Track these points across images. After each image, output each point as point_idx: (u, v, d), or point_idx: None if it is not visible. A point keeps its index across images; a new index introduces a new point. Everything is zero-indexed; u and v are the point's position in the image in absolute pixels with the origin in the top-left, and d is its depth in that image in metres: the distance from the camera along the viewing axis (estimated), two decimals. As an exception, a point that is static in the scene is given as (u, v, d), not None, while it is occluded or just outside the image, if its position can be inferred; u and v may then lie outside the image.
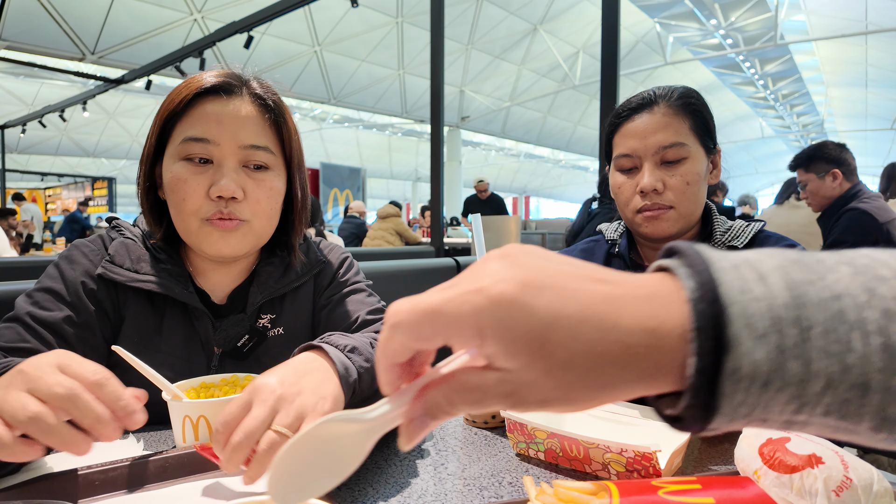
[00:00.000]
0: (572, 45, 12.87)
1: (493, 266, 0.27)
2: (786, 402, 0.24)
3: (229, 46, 7.16)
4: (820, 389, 0.24)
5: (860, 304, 0.24)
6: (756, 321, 0.24)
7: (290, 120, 0.84)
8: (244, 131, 0.78)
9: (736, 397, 0.24)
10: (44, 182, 16.27)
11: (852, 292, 0.24)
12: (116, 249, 0.81)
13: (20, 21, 7.87)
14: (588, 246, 1.16)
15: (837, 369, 0.23)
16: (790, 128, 20.92)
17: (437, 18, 3.76)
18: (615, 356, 0.25)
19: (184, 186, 0.76)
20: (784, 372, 0.23)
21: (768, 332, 0.23)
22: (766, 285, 0.24)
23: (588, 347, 0.25)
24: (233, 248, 0.79)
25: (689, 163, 0.95)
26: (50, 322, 0.74)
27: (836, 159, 2.38)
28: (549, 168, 24.84)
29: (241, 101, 0.79)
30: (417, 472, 0.64)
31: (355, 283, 0.95)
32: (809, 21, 11.53)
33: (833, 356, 0.23)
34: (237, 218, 0.78)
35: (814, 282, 0.25)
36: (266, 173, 0.81)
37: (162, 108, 0.79)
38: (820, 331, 0.23)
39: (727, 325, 0.23)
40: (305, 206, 0.89)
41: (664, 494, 0.45)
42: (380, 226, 5.55)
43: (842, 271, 0.25)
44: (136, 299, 0.81)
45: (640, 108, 0.98)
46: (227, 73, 0.81)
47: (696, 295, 0.25)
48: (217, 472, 0.62)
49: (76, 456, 0.47)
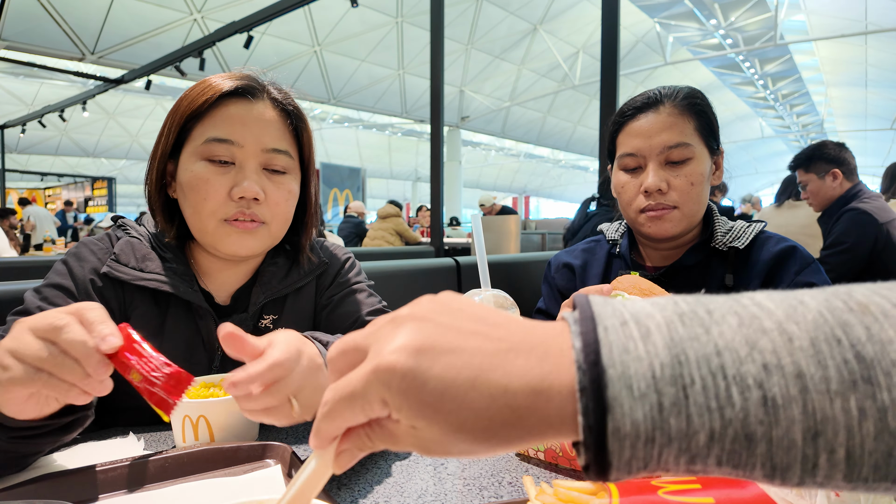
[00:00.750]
0: (572, 45, 12.88)
1: (396, 332, 0.29)
2: (676, 456, 0.25)
3: (229, 46, 7.17)
4: (705, 442, 0.25)
5: (741, 359, 0.25)
6: (635, 381, 0.25)
7: (308, 126, 0.87)
8: (267, 135, 0.80)
9: (624, 454, 0.25)
10: (43, 182, 16.27)
11: (734, 346, 0.25)
12: (122, 248, 0.81)
13: (20, 21, 7.88)
14: (589, 246, 1.16)
15: (718, 423, 0.24)
16: (790, 128, 20.93)
17: (436, 18, 3.76)
18: (504, 418, 0.27)
19: (205, 186, 0.77)
20: (666, 428, 0.25)
21: (647, 392, 0.25)
22: (649, 344, 0.26)
23: (478, 413, 0.27)
24: (250, 249, 0.81)
25: (693, 163, 0.94)
26: None
27: (835, 159, 2.37)
28: (549, 168, 24.84)
29: (264, 106, 0.81)
30: (417, 472, 0.65)
31: (356, 283, 0.96)
32: (809, 21, 11.53)
33: (714, 411, 0.24)
34: (258, 219, 0.79)
35: (698, 336, 0.26)
36: (284, 177, 0.82)
37: (182, 108, 0.79)
38: (699, 387, 0.25)
39: (606, 386, 0.25)
40: (317, 209, 0.92)
41: (664, 494, 0.45)
42: (380, 226, 5.55)
43: (728, 322, 0.26)
44: (142, 299, 0.81)
45: (645, 107, 0.97)
46: (247, 76, 0.82)
47: (580, 356, 0.26)
48: (217, 472, 0.62)
49: (89, 393, 0.49)
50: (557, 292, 1.15)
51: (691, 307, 0.28)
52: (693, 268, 0.99)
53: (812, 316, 0.26)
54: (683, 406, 0.25)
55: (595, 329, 0.27)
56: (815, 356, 0.25)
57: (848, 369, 0.24)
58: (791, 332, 0.26)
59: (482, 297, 0.76)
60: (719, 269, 0.98)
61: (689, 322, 0.27)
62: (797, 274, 0.93)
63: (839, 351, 0.25)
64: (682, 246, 1.02)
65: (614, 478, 0.26)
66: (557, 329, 0.29)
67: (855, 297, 0.27)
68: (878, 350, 0.25)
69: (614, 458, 0.25)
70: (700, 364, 0.25)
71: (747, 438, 0.25)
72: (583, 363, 0.26)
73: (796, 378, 0.25)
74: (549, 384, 0.26)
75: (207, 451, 0.63)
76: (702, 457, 0.25)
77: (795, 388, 0.25)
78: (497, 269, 1.69)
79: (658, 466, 0.26)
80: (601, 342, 0.26)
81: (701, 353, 0.25)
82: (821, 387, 0.24)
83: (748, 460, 0.25)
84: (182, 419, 0.68)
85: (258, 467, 0.63)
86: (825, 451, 0.24)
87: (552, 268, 1.17)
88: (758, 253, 0.97)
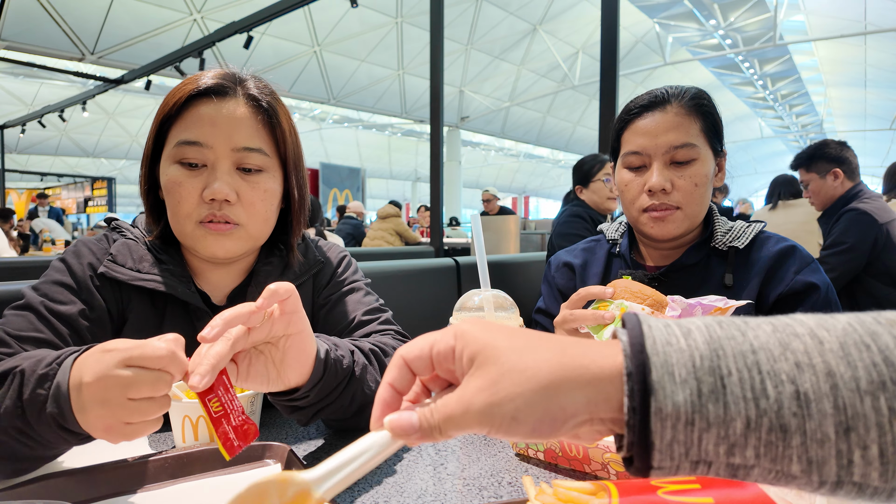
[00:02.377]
0: (572, 45, 12.88)
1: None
2: (716, 443, 0.27)
3: (229, 47, 7.16)
4: (742, 430, 0.27)
5: (774, 357, 0.28)
6: (677, 369, 0.28)
7: (284, 121, 0.84)
8: (237, 134, 0.78)
9: (666, 434, 0.28)
10: (43, 182, 16.25)
11: (768, 346, 0.28)
12: (119, 249, 0.81)
13: (20, 21, 7.87)
14: (589, 245, 1.16)
15: (754, 412, 0.27)
16: (789, 128, 20.93)
17: (436, 19, 3.76)
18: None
19: (179, 189, 0.77)
20: (705, 413, 0.27)
21: (687, 378, 0.28)
22: (690, 339, 0.29)
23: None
24: (227, 251, 0.80)
25: (697, 164, 0.94)
26: (65, 315, 0.73)
27: (837, 158, 2.37)
28: (549, 168, 24.84)
29: (235, 103, 0.79)
30: (417, 472, 0.65)
31: (353, 282, 0.95)
32: (808, 21, 11.53)
33: (749, 401, 0.27)
34: (231, 221, 0.78)
35: (734, 337, 0.29)
36: (260, 175, 0.81)
37: (158, 111, 0.80)
38: (736, 378, 0.27)
39: (650, 371, 0.28)
40: (303, 206, 0.89)
41: (663, 494, 0.45)
42: (379, 226, 5.54)
43: (763, 328, 0.29)
44: (139, 299, 0.81)
45: (651, 105, 0.96)
46: (222, 75, 0.80)
47: (627, 347, 0.30)
48: (217, 472, 0.62)
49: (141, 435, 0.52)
50: (557, 291, 1.14)
51: (730, 319, 0.31)
52: (693, 267, 0.99)
53: (842, 326, 0.28)
54: (721, 394, 0.27)
55: (640, 326, 0.30)
56: (844, 357, 0.27)
57: (877, 371, 0.26)
58: (822, 336, 0.28)
59: (482, 298, 0.76)
60: (719, 269, 0.98)
61: (726, 326, 0.30)
62: (797, 273, 0.93)
63: (868, 354, 0.27)
64: (681, 245, 1.02)
65: (657, 465, 0.28)
66: (610, 342, 0.32)
67: (885, 315, 0.29)
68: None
69: (656, 438, 0.28)
70: (737, 358, 0.28)
71: (782, 429, 0.26)
72: (629, 351, 0.29)
73: (827, 376, 0.27)
74: (603, 367, 0.30)
75: (207, 451, 0.63)
76: (740, 446, 0.27)
77: (826, 385, 0.26)
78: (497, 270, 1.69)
79: (699, 455, 0.28)
80: (646, 335, 0.30)
81: (738, 350, 0.28)
82: (851, 385, 0.26)
83: (784, 452, 0.27)
84: (182, 419, 0.68)
85: (258, 467, 0.63)
86: (858, 448, 0.26)
87: (552, 267, 1.17)
88: (757, 252, 0.97)
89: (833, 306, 0.93)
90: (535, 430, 0.30)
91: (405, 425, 0.33)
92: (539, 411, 0.30)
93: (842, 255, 2.18)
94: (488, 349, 0.32)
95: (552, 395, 0.30)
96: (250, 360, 0.57)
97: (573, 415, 0.30)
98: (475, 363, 0.32)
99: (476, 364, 0.32)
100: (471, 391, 0.32)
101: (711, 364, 0.28)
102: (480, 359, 0.32)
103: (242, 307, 0.53)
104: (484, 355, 0.32)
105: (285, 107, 0.86)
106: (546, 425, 0.30)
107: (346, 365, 0.68)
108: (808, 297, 0.92)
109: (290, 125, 0.85)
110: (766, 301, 0.94)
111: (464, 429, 0.32)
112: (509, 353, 0.32)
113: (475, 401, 0.31)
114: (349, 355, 0.70)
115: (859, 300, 2.23)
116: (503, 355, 0.32)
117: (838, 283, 2.20)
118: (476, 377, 0.32)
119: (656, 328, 0.30)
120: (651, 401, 0.27)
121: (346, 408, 0.70)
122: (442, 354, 0.35)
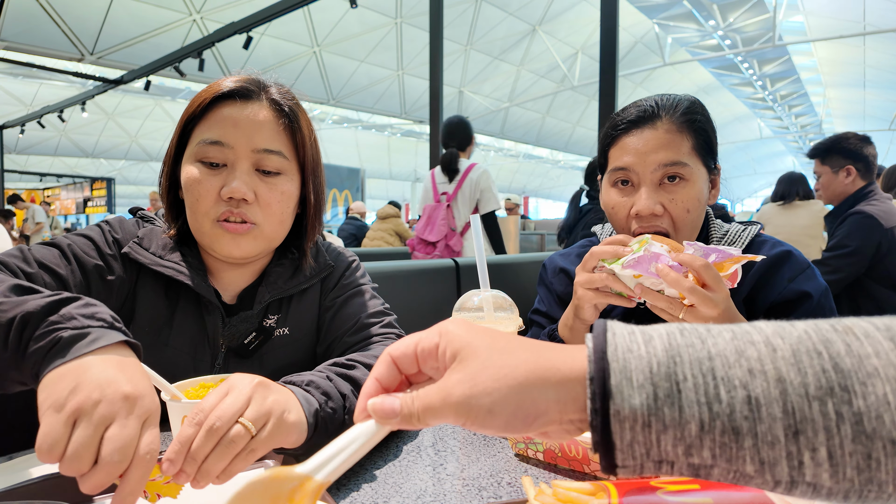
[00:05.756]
0: (571, 45, 12.89)
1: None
2: (674, 444, 0.29)
3: (228, 47, 7.16)
4: (697, 432, 0.29)
5: (729, 363, 0.29)
6: (634, 375, 0.30)
7: (305, 126, 0.85)
8: (258, 135, 0.80)
9: (626, 435, 0.29)
10: (42, 182, 16.25)
11: (724, 353, 0.30)
12: (146, 234, 0.84)
13: (19, 21, 7.87)
14: (583, 250, 1.15)
15: (707, 416, 0.28)
16: (788, 128, 20.95)
17: (436, 19, 3.76)
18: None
19: (198, 187, 0.79)
20: (661, 415, 0.29)
21: (644, 383, 0.30)
22: (650, 346, 0.31)
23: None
24: (243, 251, 0.81)
25: (689, 186, 0.88)
26: (85, 264, 0.77)
27: (853, 154, 2.26)
28: (548, 168, 24.86)
29: (259, 106, 0.81)
30: (416, 472, 0.65)
31: (359, 285, 0.96)
32: (808, 22, 11.55)
33: (703, 405, 0.29)
34: (248, 220, 0.80)
35: (693, 344, 0.31)
36: (278, 178, 0.82)
37: (184, 112, 0.82)
38: (691, 384, 0.29)
39: (609, 376, 0.30)
40: (319, 212, 0.91)
41: (663, 494, 0.45)
42: (379, 226, 5.54)
43: (723, 336, 0.31)
44: (154, 286, 0.83)
45: (640, 121, 0.90)
46: (246, 79, 0.82)
47: (591, 353, 0.32)
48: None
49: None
50: (557, 297, 1.14)
51: (693, 327, 0.32)
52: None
53: (797, 333, 0.30)
54: (676, 398, 0.29)
55: (605, 334, 0.32)
56: (795, 364, 0.29)
57: (826, 377, 0.28)
58: (776, 343, 0.30)
59: (481, 298, 0.76)
60: None
61: (687, 334, 0.32)
62: (790, 281, 0.90)
63: (819, 361, 0.28)
64: None
65: (622, 465, 0.30)
66: (581, 347, 0.34)
67: (843, 322, 0.31)
68: (855, 363, 0.28)
69: (617, 439, 0.30)
70: (693, 365, 0.30)
71: (734, 431, 0.28)
72: (592, 357, 0.31)
73: (777, 381, 0.28)
74: (570, 370, 0.33)
75: (207, 451, 0.62)
76: (696, 447, 0.29)
77: (776, 390, 0.28)
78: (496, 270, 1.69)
79: (660, 455, 0.29)
80: (608, 342, 0.32)
81: (695, 357, 0.30)
82: (800, 390, 0.28)
83: (738, 453, 0.28)
84: (181, 419, 0.68)
85: (256, 466, 0.63)
86: (807, 450, 0.27)
87: (548, 271, 1.16)
88: None
89: (827, 313, 0.90)
90: (508, 424, 0.33)
91: (387, 409, 0.36)
92: (512, 406, 0.33)
93: (844, 259, 2.13)
94: (470, 347, 0.35)
95: (526, 392, 0.33)
96: None
97: (544, 412, 0.32)
98: (457, 359, 0.35)
99: (458, 359, 0.35)
100: (451, 383, 0.34)
101: (668, 370, 0.30)
102: (462, 355, 0.35)
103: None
104: (465, 352, 0.35)
105: (306, 113, 0.88)
106: (518, 420, 0.33)
107: (337, 416, 0.65)
108: (801, 306, 0.89)
109: (310, 131, 0.87)
110: (759, 307, 0.92)
111: (441, 418, 0.35)
112: (489, 351, 0.35)
113: (454, 392, 0.34)
114: (340, 400, 0.66)
115: (860, 303, 2.19)
116: (483, 353, 0.35)
117: (839, 286, 2.17)
118: (457, 371, 0.35)
119: (620, 335, 0.32)
120: (610, 404, 0.30)
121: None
122: (426, 351, 0.37)
